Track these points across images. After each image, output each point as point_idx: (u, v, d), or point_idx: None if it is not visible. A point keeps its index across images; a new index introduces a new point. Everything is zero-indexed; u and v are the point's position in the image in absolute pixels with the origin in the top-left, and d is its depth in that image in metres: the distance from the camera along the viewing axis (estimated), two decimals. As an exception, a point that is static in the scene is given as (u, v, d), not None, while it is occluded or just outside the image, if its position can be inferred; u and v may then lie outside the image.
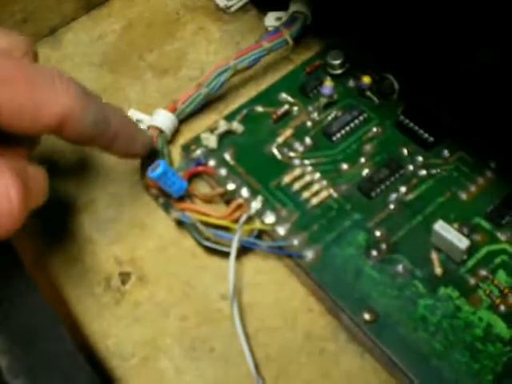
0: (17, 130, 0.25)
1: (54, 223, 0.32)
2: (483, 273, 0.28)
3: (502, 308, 0.27)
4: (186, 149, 0.33)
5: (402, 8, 0.34)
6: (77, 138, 0.27)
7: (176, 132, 0.34)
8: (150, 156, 0.32)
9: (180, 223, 0.31)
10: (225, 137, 0.33)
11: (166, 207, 0.31)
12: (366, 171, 0.31)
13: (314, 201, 0.30)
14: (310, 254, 0.29)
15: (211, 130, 0.33)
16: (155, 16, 0.41)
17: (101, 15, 0.42)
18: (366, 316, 0.27)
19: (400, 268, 0.28)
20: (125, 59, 0.39)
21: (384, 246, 0.29)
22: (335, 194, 0.31)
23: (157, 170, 0.29)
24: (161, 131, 0.33)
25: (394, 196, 0.30)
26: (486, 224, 0.29)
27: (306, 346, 0.28)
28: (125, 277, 0.30)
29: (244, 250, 0.30)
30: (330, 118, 0.33)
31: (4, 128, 0.24)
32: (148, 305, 0.29)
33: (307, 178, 0.31)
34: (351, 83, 0.35)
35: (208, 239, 0.30)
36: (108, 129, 0.28)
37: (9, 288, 0.27)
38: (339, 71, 0.35)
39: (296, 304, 0.29)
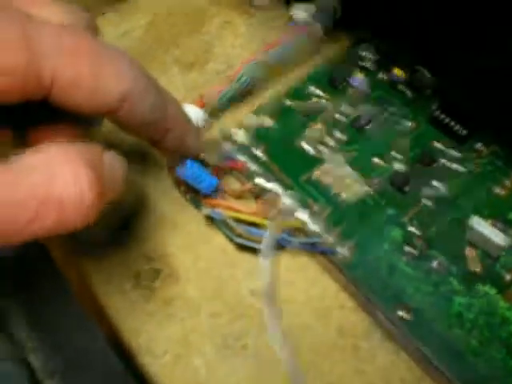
0: (71, 107, 0.24)
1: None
2: (520, 269, 0.27)
3: (540, 304, 0.26)
4: (216, 144, 0.33)
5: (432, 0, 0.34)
6: (132, 122, 0.25)
7: (205, 128, 0.34)
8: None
9: (210, 219, 0.31)
10: (255, 132, 0.33)
11: (196, 204, 0.31)
12: (398, 165, 0.31)
13: (347, 196, 0.30)
14: (343, 251, 0.28)
15: (241, 125, 0.33)
16: (181, 10, 0.41)
17: (127, 10, 0.42)
18: (401, 313, 0.27)
19: (435, 264, 0.28)
20: (151, 54, 0.39)
21: (419, 242, 0.28)
22: (368, 189, 0.30)
23: (185, 166, 0.28)
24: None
25: (427, 191, 0.30)
26: (521, 219, 0.29)
27: (339, 342, 0.27)
28: (155, 273, 0.30)
29: (275, 246, 0.29)
30: (360, 111, 0.33)
31: (58, 102, 0.23)
32: (179, 302, 0.29)
33: (339, 173, 0.31)
34: (382, 76, 0.34)
35: (239, 235, 0.29)
36: (164, 117, 0.26)
37: (40, 286, 0.27)
38: (370, 64, 0.34)
39: (328, 301, 0.29)
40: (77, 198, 0.21)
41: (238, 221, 0.29)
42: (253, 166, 0.32)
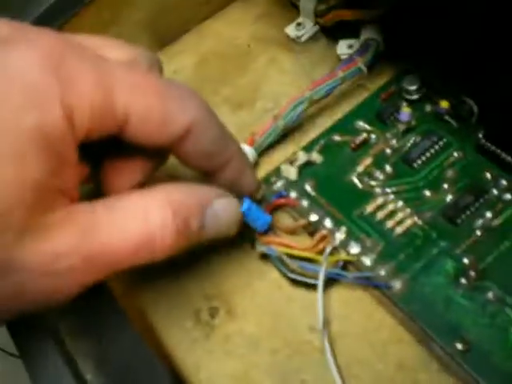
0: (142, 140, 0.25)
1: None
2: None
3: None
4: (267, 181, 0.33)
5: (477, 30, 0.34)
6: (194, 155, 0.27)
7: (255, 165, 0.35)
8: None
9: (265, 256, 0.31)
10: (304, 168, 0.33)
11: (251, 241, 0.31)
12: (449, 197, 0.31)
13: (399, 229, 0.30)
14: (397, 284, 0.29)
15: (290, 162, 0.33)
16: (227, 49, 0.42)
17: (174, 51, 0.43)
18: (459, 346, 0.27)
19: (490, 295, 0.28)
20: (200, 94, 0.40)
21: (473, 274, 0.28)
22: (420, 222, 0.30)
23: (241, 206, 0.29)
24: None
25: (479, 222, 0.30)
26: None
27: (398, 376, 0.27)
28: (213, 311, 0.31)
29: (329, 281, 0.30)
30: (409, 144, 0.33)
31: (130, 137, 0.25)
32: (238, 338, 0.30)
33: (390, 207, 0.31)
34: (428, 108, 0.34)
35: (293, 271, 0.30)
36: (225, 148, 0.28)
37: (105, 327, 0.27)
38: (416, 96, 0.35)
39: (385, 335, 0.29)
40: (162, 240, 0.25)
41: (292, 257, 0.30)
42: (304, 202, 0.32)
